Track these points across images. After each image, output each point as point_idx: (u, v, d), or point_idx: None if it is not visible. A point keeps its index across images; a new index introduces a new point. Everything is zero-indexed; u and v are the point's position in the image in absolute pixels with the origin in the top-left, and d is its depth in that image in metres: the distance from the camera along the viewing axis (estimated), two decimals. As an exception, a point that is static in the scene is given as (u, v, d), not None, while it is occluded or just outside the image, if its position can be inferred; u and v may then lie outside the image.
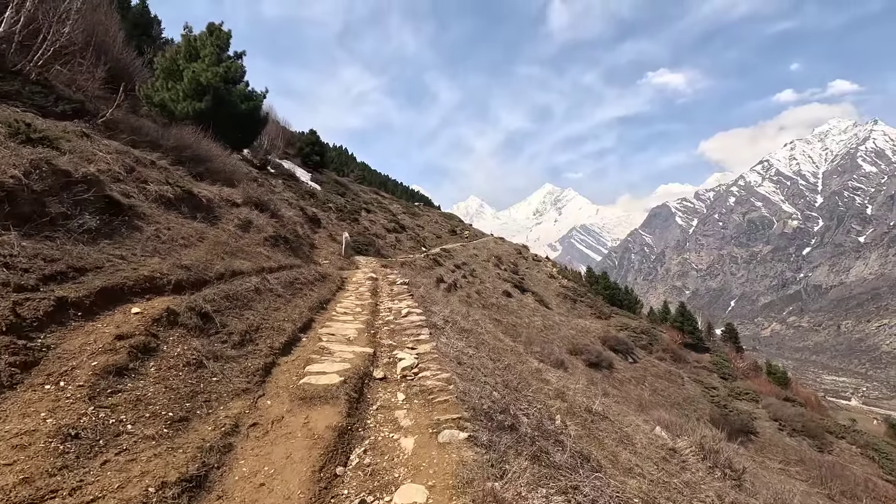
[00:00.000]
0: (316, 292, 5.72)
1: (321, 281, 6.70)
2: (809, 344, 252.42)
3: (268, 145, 39.99)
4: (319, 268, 8.10)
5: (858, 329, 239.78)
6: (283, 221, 8.91)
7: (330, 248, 12.35)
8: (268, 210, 8.27)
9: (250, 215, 7.49)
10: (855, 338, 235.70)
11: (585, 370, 24.09)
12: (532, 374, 5.00)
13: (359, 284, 7.81)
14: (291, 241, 8.36)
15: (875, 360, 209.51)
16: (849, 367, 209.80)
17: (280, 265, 6.07)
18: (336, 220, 28.32)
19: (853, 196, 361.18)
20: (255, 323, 3.50)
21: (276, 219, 8.33)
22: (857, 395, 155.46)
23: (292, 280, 5.39)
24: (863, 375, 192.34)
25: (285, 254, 7.40)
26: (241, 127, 16.77)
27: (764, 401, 29.19)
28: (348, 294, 6.62)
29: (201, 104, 15.23)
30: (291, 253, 7.90)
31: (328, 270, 8.16)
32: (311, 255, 9.73)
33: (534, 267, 45.76)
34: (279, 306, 4.18)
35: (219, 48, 16.29)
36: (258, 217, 7.67)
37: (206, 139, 11.04)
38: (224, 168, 10.60)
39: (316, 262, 9.46)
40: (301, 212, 23.36)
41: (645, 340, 34.93)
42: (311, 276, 6.38)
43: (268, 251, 6.59)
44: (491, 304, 27.83)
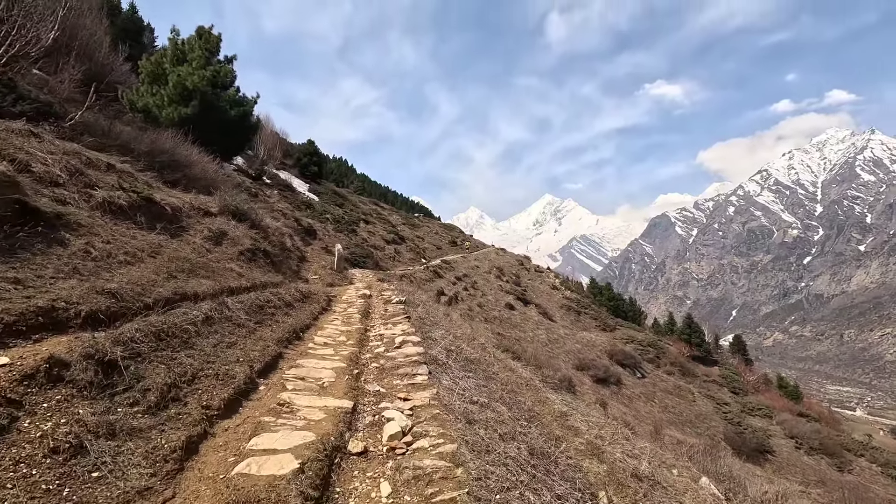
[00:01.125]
0: (292, 317, 4.79)
1: (302, 301, 5.79)
2: (812, 354, 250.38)
3: (264, 155, 39.25)
4: (304, 285, 7.19)
5: (861, 338, 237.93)
6: (266, 233, 8.02)
7: (322, 262, 11.43)
8: (247, 220, 7.38)
9: (225, 226, 6.59)
10: (858, 347, 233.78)
11: (593, 387, 23.04)
12: (557, 420, 4.06)
13: (348, 304, 6.88)
14: (274, 254, 7.45)
15: (879, 369, 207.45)
16: (852, 376, 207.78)
17: (252, 284, 5.15)
18: (333, 231, 27.45)
19: (852, 205, 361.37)
20: (190, 369, 2.57)
21: (257, 230, 7.44)
22: (862, 405, 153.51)
23: (263, 303, 4.47)
24: (867, 385, 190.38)
25: (264, 269, 6.49)
26: (231, 134, 15.93)
27: (778, 417, 28.04)
28: (333, 317, 5.69)
29: (187, 109, 14.43)
30: (272, 268, 6.99)
31: (314, 288, 7.25)
32: (298, 270, 8.82)
33: (536, 278, 44.79)
34: (235, 340, 3.26)
35: (208, 52, 15.54)
36: (235, 228, 6.77)
37: (186, 144, 10.19)
38: (205, 175, 9.72)
39: (303, 277, 8.54)
40: (295, 223, 22.45)
41: (652, 354, 33.84)
42: (290, 297, 5.46)
43: (241, 267, 5.68)
44: (493, 318, 26.81)
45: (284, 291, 5.51)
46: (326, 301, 6.54)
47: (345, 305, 6.70)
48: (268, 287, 5.40)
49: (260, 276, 5.85)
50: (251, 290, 4.91)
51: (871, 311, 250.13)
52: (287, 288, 5.89)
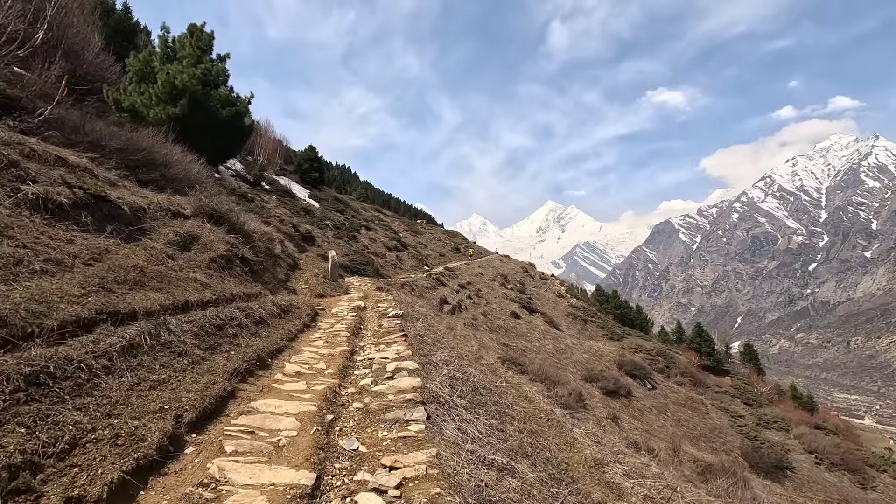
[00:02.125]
0: (261, 338, 3.94)
1: (279, 317, 4.95)
2: (819, 361, 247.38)
3: (264, 161, 38.68)
4: (287, 297, 6.35)
5: (868, 346, 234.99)
6: (249, 238, 7.20)
7: (316, 270, 10.60)
8: (226, 223, 6.57)
9: (198, 229, 5.78)
10: (865, 354, 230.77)
11: (603, 399, 22.03)
12: (592, 473, 3.20)
13: (337, 318, 6.04)
14: (255, 261, 6.62)
15: (887, 377, 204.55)
16: (860, 384, 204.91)
17: (219, 297, 4.31)
18: (333, 238, 26.68)
19: (857, 211, 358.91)
20: (72, 431, 1.72)
21: (236, 234, 6.62)
22: (871, 413, 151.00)
23: (224, 321, 3.63)
24: (875, 393, 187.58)
25: (240, 279, 5.66)
26: (223, 135, 15.19)
27: (795, 430, 26.88)
28: (316, 336, 4.85)
29: (176, 109, 13.70)
30: (251, 277, 6.16)
31: (298, 300, 6.40)
32: (285, 280, 7.98)
33: (541, 286, 43.82)
34: (167, 377, 2.41)
35: (199, 50, 14.84)
36: (210, 232, 5.95)
37: (166, 143, 9.40)
38: (187, 176, 8.92)
39: (289, 287, 7.70)
40: (293, 229, 21.67)
41: (661, 363, 32.74)
42: (264, 311, 4.64)
43: (208, 277, 4.85)
44: (498, 327, 25.88)
45: (258, 305, 4.67)
46: (311, 316, 5.69)
47: (332, 320, 5.85)
48: (238, 300, 4.57)
49: (232, 287, 5.02)
50: (215, 304, 4.07)
51: (879, 318, 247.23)
52: (263, 301, 5.05)
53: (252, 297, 5.14)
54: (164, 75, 13.69)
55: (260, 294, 5.52)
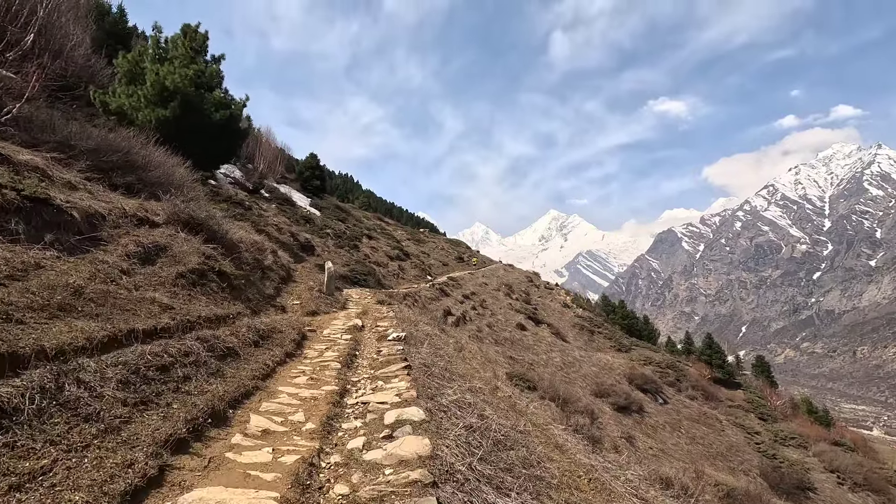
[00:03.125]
0: (224, 379, 3.09)
1: (257, 345, 4.12)
2: (825, 371, 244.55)
3: (264, 168, 38.03)
4: (272, 317, 5.52)
5: (875, 355, 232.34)
6: (232, 248, 6.39)
7: (311, 282, 9.77)
8: (204, 232, 5.76)
9: (169, 239, 4.97)
10: (872, 364, 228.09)
11: (614, 415, 21.03)
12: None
13: (328, 343, 5.18)
14: (237, 276, 5.79)
15: (894, 387, 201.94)
16: (867, 394, 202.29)
17: (179, 323, 3.49)
18: (333, 247, 25.93)
19: (861, 220, 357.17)
20: None
21: (216, 244, 5.80)
22: (879, 424, 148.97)
23: (174, 358, 2.78)
24: (882, 403, 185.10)
25: (214, 298, 4.84)
26: (217, 139, 14.45)
27: (814, 447, 25.74)
28: (300, 370, 3.99)
29: (166, 111, 12.98)
30: (231, 294, 5.34)
31: (285, 320, 5.54)
32: (274, 295, 7.14)
33: (546, 295, 42.85)
34: (48, 463, 1.56)
35: (193, 51, 14.17)
36: (183, 242, 5.15)
37: (148, 145, 8.64)
38: (170, 180, 8.14)
39: (278, 304, 6.85)
40: (291, 237, 20.89)
41: (672, 376, 31.67)
42: (236, 339, 3.81)
43: (172, 296, 4.04)
44: (504, 339, 24.95)
45: (229, 332, 3.84)
46: (296, 341, 4.83)
47: (322, 346, 5.00)
48: (203, 326, 3.74)
49: (201, 308, 4.20)
50: (169, 334, 3.24)
51: (885, 327, 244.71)
52: (237, 325, 4.21)
53: (224, 320, 4.31)
54: (153, 76, 12.98)
55: (236, 316, 4.69)
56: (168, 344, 2.90)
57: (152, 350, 2.66)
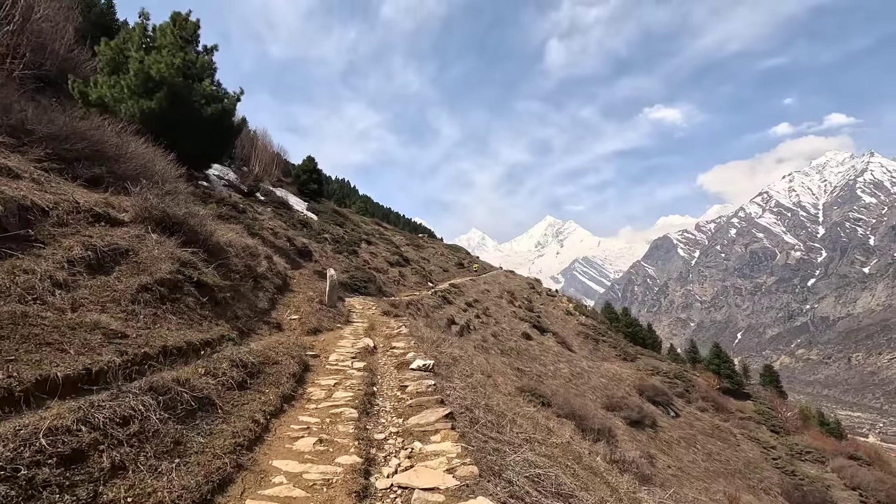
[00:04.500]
0: (182, 462, 1.96)
1: (244, 387, 3.02)
2: (820, 377, 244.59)
3: (260, 171, 36.84)
4: (266, 340, 4.41)
5: (870, 362, 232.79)
6: (217, 253, 5.29)
7: (311, 292, 8.66)
8: (182, 233, 4.65)
9: (133, 241, 3.89)
10: (867, 371, 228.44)
11: (628, 430, 19.94)
12: None
13: (337, 376, 4.06)
14: (221, 287, 4.66)
15: (889, 394, 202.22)
16: (862, 401, 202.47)
17: (129, 359, 2.40)
18: (331, 252, 24.79)
19: (855, 227, 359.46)
20: None
21: (196, 248, 4.70)
22: (875, 431, 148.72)
23: (100, 433, 1.69)
24: (878, 410, 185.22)
25: (189, 316, 3.74)
26: (207, 135, 13.30)
27: (832, 462, 24.72)
28: (302, 424, 2.86)
29: (151, 103, 11.83)
30: (213, 311, 4.24)
31: (282, 344, 4.42)
32: (268, 309, 6.03)
33: (548, 302, 41.79)
34: None
35: (182, 40, 13.06)
36: (154, 245, 4.06)
37: (125, 133, 7.53)
38: (148, 174, 6.99)
39: (274, 320, 5.73)
40: (288, 242, 19.74)
41: (680, 387, 30.65)
42: (215, 381, 2.72)
43: (129, 317, 2.96)
44: (510, 349, 23.85)
45: (206, 368, 2.75)
46: (297, 376, 3.71)
47: (331, 380, 3.89)
48: (170, 361, 2.65)
49: (169, 334, 3.11)
50: (111, 378, 2.14)
51: (879, 334, 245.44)
52: (218, 358, 3.10)
53: (200, 349, 3.22)
54: (137, 64, 11.83)
55: (218, 341, 3.60)
56: (95, 406, 1.80)
57: (57, 425, 1.55)
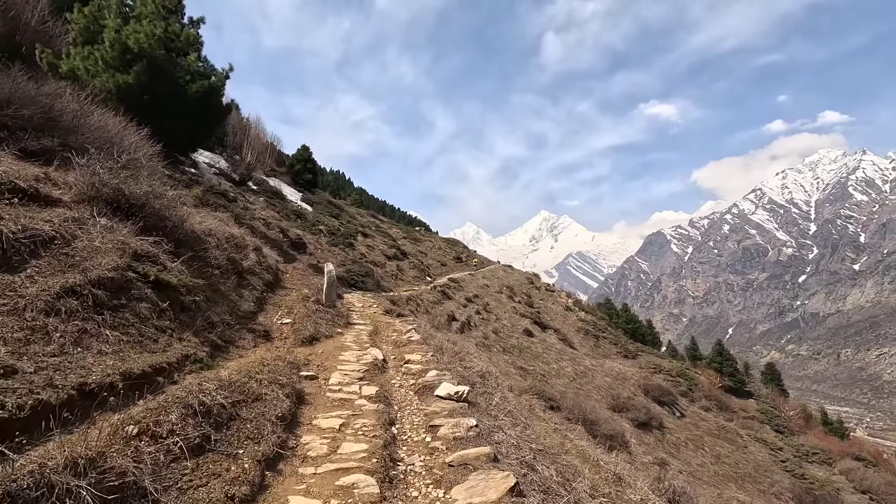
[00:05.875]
0: None
1: (206, 446, 2.00)
2: (809, 373, 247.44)
3: (252, 159, 35.51)
4: (248, 357, 3.40)
5: (858, 358, 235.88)
6: (192, 243, 4.25)
7: (306, 289, 7.61)
8: (141, 217, 3.61)
9: (67, 226, 2.87)
10: (855, 367, 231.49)
11: (635, 432, 19.14)
12: None
13: (342, 409, 3.01)
14: (192, 287, 3.61)
15: (877, 389, 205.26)
16: (850, 396, 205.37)
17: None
18: (327, 245, 23.70)
19: (846, 224, 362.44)
20: None
21: (160, 237, 3.66)
22: (862, 426, 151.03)
23: None
24: (865, 405, 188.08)
25: (139, 329, 2.73)
26: (192, 115, 12.14)
27: (840, 464, 24.17)
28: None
29: (128, 77, 10.64)
30: (176, 319, 3.22)
31: (267, 363, 3.39)
32: (255, 310, 5.00)
33: (547, 298, 40.97)
34: None
35: (165, 9, 11.84)
36: (100, 232, 3.03)
37: (87, 104, 6.41)
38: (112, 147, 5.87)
39: (260, 326, 4.69)
40: (281, 234, 18.64)
41: (683, 385, 30.00)
42: (156, 446, 1.73)
43: (27, 338, 1.95)
44: (512, 347, 22.95)
45: (131, 431, 1.74)
46: (288, 414, 2.67)
47: (334, 422, 2.81)
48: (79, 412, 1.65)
49: (97, 362, 2.09)
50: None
51: (868, 330, 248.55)
52: (162, 405, 2.05)
53: (147, 382, 2.21)
54: (113, 34, 10.62)
55: (176, 367, 2.58)
56: None
57: None
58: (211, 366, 2.93)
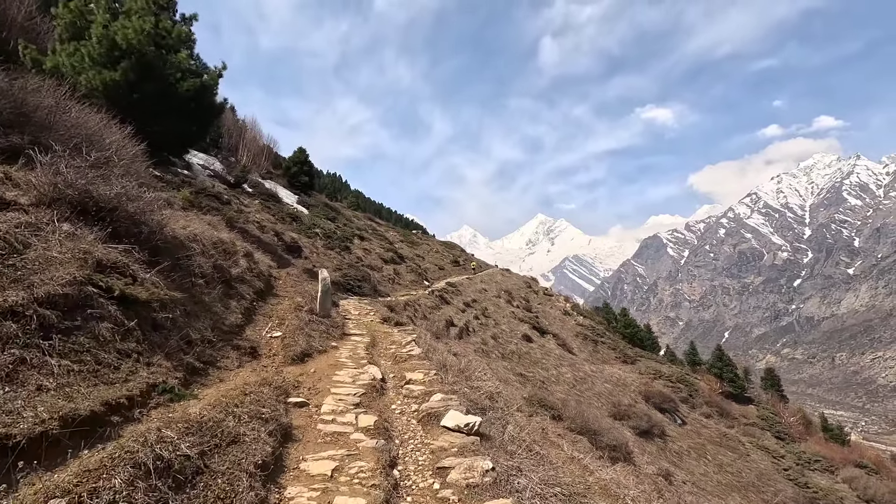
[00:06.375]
0: None
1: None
2: (805, 377, 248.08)
3: (248, 161, 35.06)
4: (228, 384, 2.98)
5: (853, 362, 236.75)
6: (171, 250, 3.83)
7: (300, 297, 7.19)
8: (110, 222, 3.19)
9: (14, 233, 2.45)
10: (850, 370, 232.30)
11: (637, 441, 18.76)
12: None
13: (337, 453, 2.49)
14: (165, 302, 3.15)
15: (871, 393, 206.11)
16: (845, 400, 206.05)
17: None
18: (323, 248, 23.28)
19: (840, 228, 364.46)
20: None
21: (132, 244, 3.24)
22: (857, 430, 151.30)
23: None
24: (860, 409, 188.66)
25: (96, 356, 2.32)
26: (184, 115, 11.72)
27: (842, 472, 23.86)
28: None
29: (115, 74, 10.21)
30: (145, 340, 2.79)
31: (251, 388, 2.94)
32: (242, 322, 4.58)
33: (546, 302, 40.61)
34: None
35: (156, 5, 11.43)
36: (56, 241, 2.61)
37: (65, 99, 6.00)
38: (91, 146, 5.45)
39: (246, 341, 4.24)
40: (276, 237, 18.24)
41: (684, 392, 29.66)
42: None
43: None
44: (511, 353, 22.54)
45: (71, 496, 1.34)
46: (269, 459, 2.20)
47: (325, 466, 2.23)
48: None
49: (32, 401, 1.70)
50: None
51: (862, 334, 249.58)
52: (106, 461, 1.67)
53: (99, 424, 1.81)
54: (100, 29, 10.19)
55: (139, 400, 2.17)
56: None
57: None
58: (183, 396, 2.53)
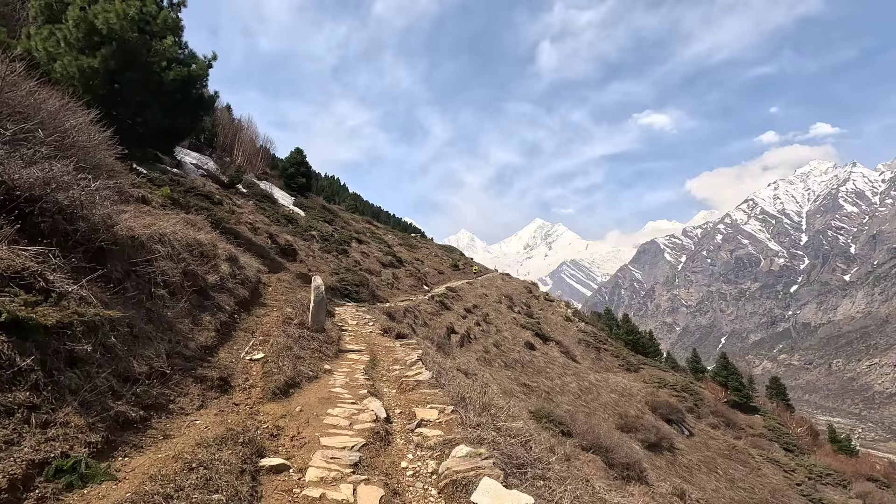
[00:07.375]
0: None
1: None
2: (801, 383, 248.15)
3: (243, 161, 34.14)
4: (178, 434, 2.16)
5: (850, 368, 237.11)
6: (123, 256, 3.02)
7: (290, 307, 6.34)
8: (35, 218, 2.36)
9: None
10: (847, 377, 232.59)
11: (646, 455, 17.91)
12: None
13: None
14: (93, 324, 2.32)
15: (868, 399, 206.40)
16: (842, 406, 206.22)
17: None
18: (319, 251, 22.42)
19: (836, 235, 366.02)
20: None
21: (50, 245, 2.42)
22: (854, 436, 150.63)
23: None
24: (857, 416, 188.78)
25: None
26: (170, 108, 10.84)
27: (855, 486, 23.06)
28: None
29: (94, 61, 9.33)
30: (51, 382, 1.96)
31: (203, 455, 2.14)
32: (211, 347, 3.74)
33: (547, 308, 39.81)
34: None
35: (141, -11, 10.57)
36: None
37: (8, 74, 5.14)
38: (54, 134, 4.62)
39: (215, 371, 3.42)
40: (269, 239, 17.34)
41: (689, 401, 28.85)
42: None
43: None
44: (514, 361, 21.69)
45: None
46: None
47: None
48: None
49: None
50: None
51: (858, 340, 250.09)
52: None
53: None
54: (78, 11, 9.31)
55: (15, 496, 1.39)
56: None
57: None
58: (91, 476, 1.66)
